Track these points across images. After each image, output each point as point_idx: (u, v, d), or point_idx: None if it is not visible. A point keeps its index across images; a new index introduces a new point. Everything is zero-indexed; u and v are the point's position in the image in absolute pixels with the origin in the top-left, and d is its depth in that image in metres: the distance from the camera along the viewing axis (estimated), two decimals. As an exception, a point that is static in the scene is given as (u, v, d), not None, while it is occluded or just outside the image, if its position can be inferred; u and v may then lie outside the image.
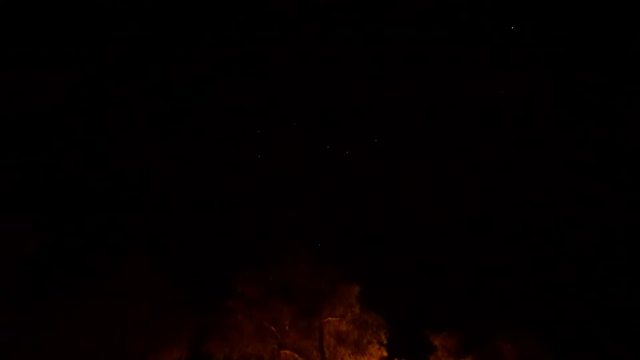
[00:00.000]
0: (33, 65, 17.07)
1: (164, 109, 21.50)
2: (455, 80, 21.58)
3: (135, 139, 20.37)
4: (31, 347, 12.48)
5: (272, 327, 17.20)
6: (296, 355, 17.18)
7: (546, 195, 19.53)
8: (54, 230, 15.36)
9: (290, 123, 22.58)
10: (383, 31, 22.63)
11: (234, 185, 20.74)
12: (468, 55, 21.63)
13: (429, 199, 20.59)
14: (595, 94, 19.46)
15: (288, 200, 20.33)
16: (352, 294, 17.72)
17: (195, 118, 21.56)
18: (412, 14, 22.09)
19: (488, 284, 17.80)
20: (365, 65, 22.74)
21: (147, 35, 21.38)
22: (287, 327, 17.32)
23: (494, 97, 21.12)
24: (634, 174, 17.99)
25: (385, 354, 17.29)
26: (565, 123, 20.11)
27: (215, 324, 16.82)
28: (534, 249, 18.44)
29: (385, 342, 17.34)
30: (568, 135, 19.83)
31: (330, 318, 17.64)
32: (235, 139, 21.68)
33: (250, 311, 17.06)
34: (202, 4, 21.96)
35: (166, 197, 19.36)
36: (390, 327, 17.51)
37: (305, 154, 21.94)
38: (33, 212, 15.54)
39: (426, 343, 17.54)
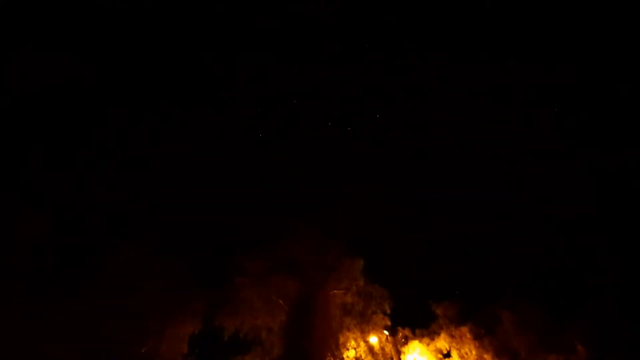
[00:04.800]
0: (39, 52, 16.95)
1: (166, 99, 21.52)
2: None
3: (139, 128, 20.42)
4: (54, 319, 12.95)
5: (280, 301, 17.71)
6: (304, 326, 17.82)
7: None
8: (65, 213, 15.52)
9: (290, 109, 22.82)
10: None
11: (239, 167, 21.08)
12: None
13: (430, 180, 21.18)
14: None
15: (293, 180, 20.66)
16: (357, 268, 18.25)
17: (199, 108, 21.61)
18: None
19: (486, 255, 18.48)
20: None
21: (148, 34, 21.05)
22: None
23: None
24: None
25: (388, 323, 18.08)
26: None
27: (225, 300, 17.28)
28: (528, 224, 19.16)
29: (388, 312, 18.13)
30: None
31: (335, 291, 18.19)
32: (238, 126, 21.92)
33: (258, 286, 17.46)
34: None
35: (174, 180, 19.54)
36: (393, 298, 18.26)
37: (310, 137, 22.21)
38: (43, 195, 15.66)
39: (428, 312, 18.36)
